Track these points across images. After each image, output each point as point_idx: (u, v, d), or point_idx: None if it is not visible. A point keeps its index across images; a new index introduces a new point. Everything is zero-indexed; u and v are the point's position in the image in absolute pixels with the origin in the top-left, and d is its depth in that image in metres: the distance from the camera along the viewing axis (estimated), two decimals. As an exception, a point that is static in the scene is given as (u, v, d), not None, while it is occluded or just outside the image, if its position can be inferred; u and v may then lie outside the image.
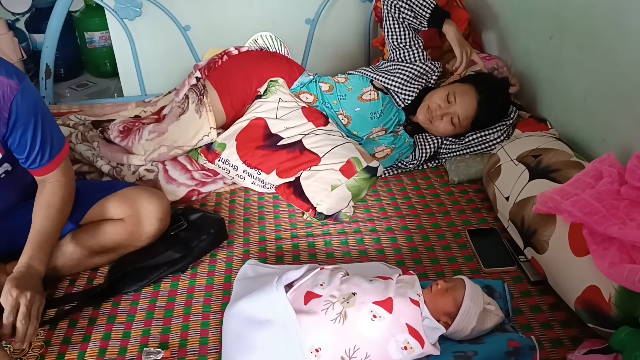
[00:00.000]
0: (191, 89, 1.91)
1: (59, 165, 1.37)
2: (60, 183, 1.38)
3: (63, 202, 1.38)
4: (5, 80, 1.22)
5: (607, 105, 1.59)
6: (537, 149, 1.63)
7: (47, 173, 1.36)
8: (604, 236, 1.19)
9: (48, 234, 1.34)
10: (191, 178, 1.84)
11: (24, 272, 1.27)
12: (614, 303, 1.16)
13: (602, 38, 1.59)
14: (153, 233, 1.50)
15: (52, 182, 1.38)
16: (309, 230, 1.67)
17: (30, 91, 1.28)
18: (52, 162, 1.35)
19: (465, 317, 1.19)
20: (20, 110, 1.25)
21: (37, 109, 1.29)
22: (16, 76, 1.24)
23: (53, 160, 1.35)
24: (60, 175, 1.38)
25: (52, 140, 1.34)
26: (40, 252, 1.32)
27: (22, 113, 1.26)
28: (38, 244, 1.32)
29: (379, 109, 1.94)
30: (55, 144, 1.35)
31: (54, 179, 1.38)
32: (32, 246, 1.31)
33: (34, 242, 1.32)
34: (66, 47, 2.68)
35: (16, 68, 1.27)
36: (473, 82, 1.87)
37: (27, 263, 1.29)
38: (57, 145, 1.36)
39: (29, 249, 1.31)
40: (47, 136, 1.32)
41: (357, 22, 2.55)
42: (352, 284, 1.24)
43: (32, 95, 1.28)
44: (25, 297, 1.21)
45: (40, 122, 1.30)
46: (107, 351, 1.27)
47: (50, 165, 1.35)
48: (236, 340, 1.22)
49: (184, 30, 2.38)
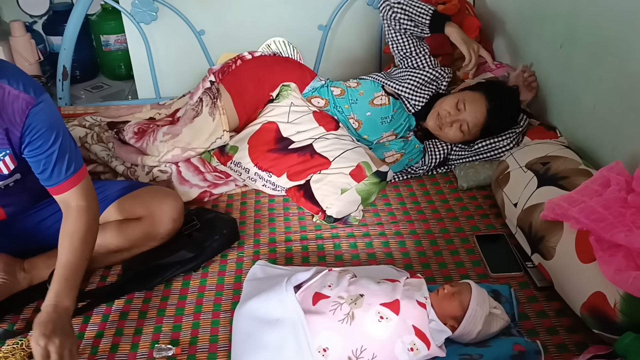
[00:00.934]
0: (205, 93, 1.95)
1: (77, 185, 1.33)
2: (81, 208, 1.34)
3: (86, 229, 1.33)
4: (22, 95, 1.22)
5: (617, 114, 1.60)
6: (545, 157, 1.65)
7: (64, 191, 1.32)
8: (611, 243, 1.20)
9: (73, 266, 1.29)
10: (204, 179, 1.88)
11: (50, 314, 1.21)
12: (619, 309, 1.18)
13: (613, 47, 1.60)
14: (167, 233, 1.53)
15: (73, 207, 1.33)
16: (319, 232, 1.70)
17: (48, 107, 1.27)
18: (69, 181, 1.32)
19: (471, 321, 1.20)
20: (36, 124, 1.25)
21: (54, 125, 1.28)
22: (33, 91, 1.24)
23: (70, 179, 1.32)
24: (80, 198, 1.34)
25: (70, 158, 1.31)
26: (67, 286, 1.26)
27: (37, 127, 1.25)
28: (64, 278, 1.27)
29: (390, 113, 1.96)
30: (72, 163, 1.32)
31: (74, 202, 1.34)
32: (58, 281, 1.26)
33: (59, 276, 1.27)
34: (82, 50, 2.71)
35: (36, 83, 1.27)
36: (483, 89, 1.89)
37: (55, 302, 1.23)
38: (75, 165, 1.33)
39: (56, 284, 1.26)
40: (64, 153, 1.30)
41: (369, 29, 2.57)
42: (360, 286, 1.26)
43: (49, 111, 1.28)
44: (54, 344, 1.16)
45: (57, 139, 1.28)
46: (119, 347, 1.30)
47: (67, 183, 1.32)
48: (246, 339, 1.24)
49: (198, 34, 2.41)
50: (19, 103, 1.22)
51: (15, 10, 2.83)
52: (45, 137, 1.27)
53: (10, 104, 1.22)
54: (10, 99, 1.22)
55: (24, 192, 1.43)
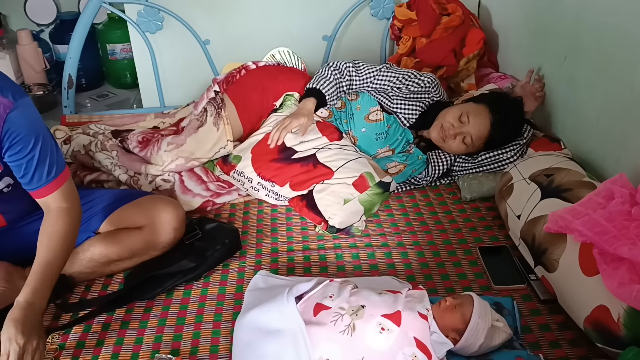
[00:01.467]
0: (210, 103, 1.95)
1: (58, 188, 1.32)
2: (62, 210, 1.33)
3: (66, 230, 1.32)
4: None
5: (621, 127, 1.59)
6: (549, 169, 1.64)
7: (45, 195, 1.32)
8: (614, 256, 1.19)
9: (52, 266, 1.29)
10: (206, 189, 1.88)
11: (26, 312, 1.21)
12: (623, 323, 1.17)
13: (617, 60, 1.60)
14: (169, 242, 1.52)
15: (54, 209, 1.33)
16: (321, 243, 1.69)
17: (28, 110, 1.26)
18: (50, 184, 1.31)
19: (473, 333, 1.19)
20: (15, 128, 1.23)
21: (33, 129, 1.27)
22: (12, 95, 1.22)
23: (52, 183, 1.31)
24: (62, 200, 1.33)
25: (51, 161, 1.30)
26: (43, 285, 1.26)
27: (17, 131, 1.23)
28: (42, 277, 1.26)
29: (384, 129, 1.94)
30: (54, 166, 1.31)
31: (55, 204, 1.33)
32: (35, 279, 1.25)
33: (37, 274, 1.26)
34: (88, 59, 2.73)
35: (15, 87, 1.26)
36: (487, 102, 1.87)
37: (30, 300, 1.23)
38: (57, 168, 1.32)
39: (32, 281, 1.25)
40: (45, 157, 1.29)
41: (374, 40, 2.58)
42: (361, 297, 1.25)
43: (29, 114, 1.26)
44: (31, 345, 1.17)
45: (37, 142, 1.27)
46: (120, 356, 1.30)
47: (49, 187, 1.31)
48: (246, 349, 1.24)
49: (203, 44, 2.43)
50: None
51: (23, 19, 2.86)
52: (24, 141, 1.25)
53: None
54: None
55: (22, 198, 1.41)
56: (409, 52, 2.37)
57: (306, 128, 1.85)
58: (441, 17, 2.28)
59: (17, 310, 1.21)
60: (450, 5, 2.30)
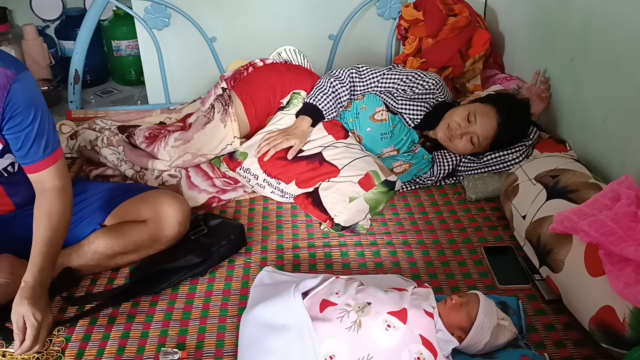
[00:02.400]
0: (217, 99, 1.96)
1: (54, 164, 1.34)
2: (58, 188, 1.35)
3: (63, 209, 1.34)
4: (2, 70, 1.23)
5: (627, 129, 1.60)
6: (555, 169, 1.64)
7: (40, 170, 1.33)
8: (620, 257, 1.19)
9: (54, 244, 1.31)
10: (212, 185, 1.88)
11: (37, 290, 1.25)
12: (628, 324, 1.17)
13: (624, 62, 1.61)
14: (173, 236, 1.53)
15: (49, 187, 1.35)
16: (326, 240, 1.70)
17: (29, 82, 1.28)
18: (47, 159, 1.33)
19: (478, 332, 1.20)
20: (17, 99, 1.25)
21: (35, 102, 1.29)
22: (14, 67, 1.25)
23: (47, 158, 1.33)
24: (56, 178, 1.35)
25: (48, 137, 1.32)
26: (48, 262, 1.29)
27: (18, 102, 1.25)
28: (46, 255, 1.29)
29: (389, 129, 1.94)
30: (51, 141, 1.33)
31: (50, 182, 1.35)
32: (40, 258, 1.28)
33: (42, 253, 1.28)
34: (93, 55, 2.74)
35: (17, 61, 1.28)
36: (494, 102, 1.87)
37: (38, 278, 1.26)
38: (52, 144, 1.34)
39: (38, 261, 1.27)
40: (43, 131, 1.31)
41: (380, 39, 2.59)
42: (368, 294, 1.26)
43: (30, 86, 1.28)
44: (46, 321, 1.24)
45: (37, 115, 1.29)
46: (126, 349, 1.30)
47: (45, 161, 1.33)
48: (252, 344, 1.24)
49: (210, 41, 2.43)
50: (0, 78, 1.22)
51: (29, 14, 2.87)
52: (25, 113, 1.27)
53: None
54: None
55: (28, 180, 1.40)
56: (415, 53, 2.38)
57: (296, 151, 1.84)
58: (448, 18, 2.29)
59: (28, 289, 1.24)
60: (457, 6, 2.31)
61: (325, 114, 1.92)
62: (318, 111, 1.91)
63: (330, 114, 1.93)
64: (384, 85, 1.98)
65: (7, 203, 1.48)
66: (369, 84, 1.99)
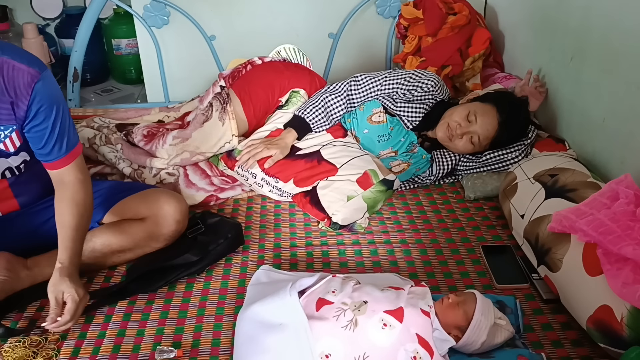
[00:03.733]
0: (215, 97, 1.95)
1: (75, 159, 1.37)
2: (80, 181, 1.38)
3: (86, 197, 1.38)
4: (26, 69, 1.25)
5: (627, 127, 1.59)
6: (554, 169, 1.64)
7: (63, 166, 1.36)
8: (618, 256, 1.19)
9: (81, 229, 1.36)
10: (210, 183, 1.88)
11: (73, 270, 1.32)
12: (626, 323, 1.16)
13: (623, 61, 1.60)
14: (171, 234, 1.53)
15: (71, 180, 1.37)
16: (324, 239, 1.69)
17: (51, 81, 1.31)
18: (68, 155, 1.36)
19: (475, 331, 1.19)
20: (41, 98, 1.27)
21: (57, 100, 1.31)
22: (37, 66, 1.27)
23: (69, 154, 1.36)
24: (78, 172, 1.38)
25: (69, 133, 1.35)
26: (78, 247, 1.36)
27: (42, 101, 1.28)
28: (75, 240, 1.34)
29: (387, 131, 1.92)
30: (71, 137, 1.36)
31: (72, 176, 1.37)
32: (71, 242, 1.33)
33: (71, 239, 1.33)
34: (93, 53, 2.74)
35: (39, 60, 1.30)
36: (494, 101, 1.86)
37: (74, 259, 1.33)
38: (73, 139, 1.37)
39: (70, 244, 1.33)
40: (65, 128, 1.33)
41: (379, 38, 2.58)
42: (364, 292, 1.25)
43: (52, 85, 1.31)
44: (85, 299, 1.32)
45: (59, 113, 1.31)
46: (121, 347, 1.30)
47: (67, 158, 1.35)
48: (248, 343, 1.24)
49: (209, 39, 2.43)
50: (25, 77, 1.25)
51: (29, 12, 2.87)
52: (47, 112, 1.30)
53: (17, 77, 1.24)
54: (16, 73, 1.24)
55: (35, 179, 1.45)
56: (415, 51, 2.37)
57: (274, 161, 1.83)
58: (447, 16, 2.28)
59: (66, 269, 1.30)
60: (456, 4, 2.30)
61: (313, 127, 1.90)
62: (306, 124, 1.89)
63: (319, 128, 1.91)
64: (385, 90, 1.94)
65: (13, 204, 1.48)
66: (369, 91, 1.94)
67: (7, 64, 1.23)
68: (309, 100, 1.94)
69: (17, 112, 1.28)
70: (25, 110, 1.27)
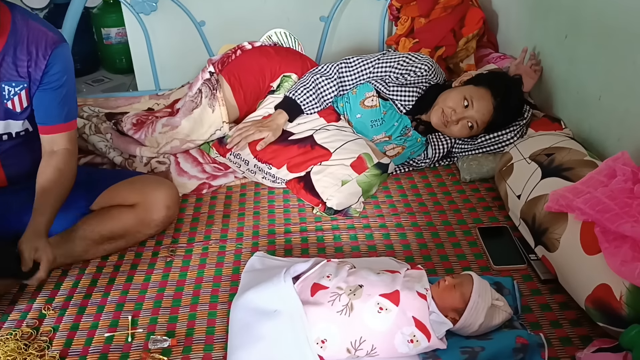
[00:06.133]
0: (204, 84, 1.92)
1: (71, 130, 1.44)
2: (69, 152, 1.43)
3: (71, 173, 1.43)
4: (50, 33, 1.36)
5: (623, 104, 1.57)
6: (550, 148, 1.62)
7: (57, 132, 1.42)
8: (616, 234, 1.17)
9: (59, 198, 1.39)
10: (202, 171, 1.85)
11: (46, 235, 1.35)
12: (625, 302, 1.15)
13: (619, 37, 1.57)
14: (161, 220, 1.52)
15: (60, 150, 1.42)
16: (319, 224, 1.67)
17: (68, 51, 1.41)
18: (65, 124, 1.42)
19: (473, 313, 1.18)
20: (57, 62, 1.36)
21: (69, 69, 1.41)
22: (58, 35, 1.38)
23: (67, 124, 1.43)
24: (69, 143, 1.44)
25: (71, 105, 1.44)
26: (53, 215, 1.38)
27: (57, 65, 1.36)
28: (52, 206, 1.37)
29: (380, 116, 1.89)
30: (72, 109, 1.45)
31: (62, 146, 1.43)
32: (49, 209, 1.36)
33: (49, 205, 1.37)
34: (83, 43, 2.70)
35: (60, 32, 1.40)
36: (488, 84, 1.81)
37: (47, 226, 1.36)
38: (73, 112, 1.45)
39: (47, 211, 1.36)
40: (69, 98, 1.42)
41: (372, 20, 2.54)
42: (359, 276, 1.23)
43: (68, 55, 1.41)
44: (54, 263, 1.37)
45: (67, 82, 1.40)
46: (115, 338, 1.28)
47: (63, 126, 1.42)
48: (243, 330, 1.22)
49: (199, 25, 2.39)
50: (48, 40, 1.35)
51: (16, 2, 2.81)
52: (59, 76, 1.38)
53: (40, 39, 1.34)
54: (39, 34, 1.35)
55: (27, 153, 1.48)
56: (408, 33, 2.34)
57: (267, 143, 1.81)
58: (440, -3, 2.25)
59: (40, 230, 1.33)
60: (449, -16, 2.26)
61: (305, 109, 1.87)
62: (296, 106, 1.86)
63: (310, 109, 1.87)
64: (377, 73, 1.91)
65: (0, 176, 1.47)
66: (361, 74, 1.90)
67: (33, 26, 1.35)
68: (300, 82, 1.91)
69: (33, 71, 1.35)
70: (42, 69, 1.36)
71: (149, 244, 1.58)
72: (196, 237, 1.62)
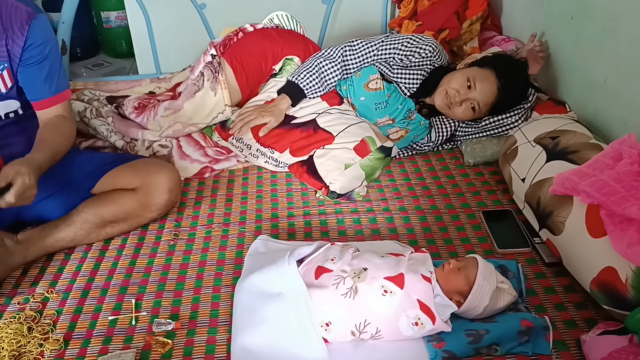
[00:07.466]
0: (206, 67, 1.91)
1: (63, 102, 1.43)
2: (65, 118, 1.42)
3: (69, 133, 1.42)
4: (24, 7, 1.32)
5: (629, 87, 1.55)
6: (555, 131, 1.61)
7: (49, 106, 1.40)
8: (622, 217, 1.16)
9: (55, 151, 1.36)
10: (205, 155, 1.84)
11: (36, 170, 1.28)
12: (631, 284, 1.15)
13: (626, 18, 1.55)
14: (163, 203, 1.51)
15: (57, 117, 1.41)
16: (322, 208, 1.66)
17: (46, 22, 1.36)
18: (57, 96, 1.41)
19: (477, 295, 1.17)
20: (36, 35, 1.32)
21: (50, 40, 1.37)
22: (34, 7, 1.34)
23: (58, 95, 1.41)
24: (64, 112, 1.43)
25: (59, 75, 1.41)
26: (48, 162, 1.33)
27: (36, 38, 1.33)
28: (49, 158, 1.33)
29: (384, 99, 1.87)
30: (61, 80, 1.42)
31: (58, 115, 1.42)
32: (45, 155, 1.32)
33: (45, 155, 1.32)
34: (83, 27, 2.67)
35: (35, 3, 1.35)
36: (492, 65, 1.80)
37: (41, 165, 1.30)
38: (63, 83, 1.43)
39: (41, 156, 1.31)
40: (55, 69, 1.39)
41: (375, 3, 2.52)
42: (364, 259, 1.23)
43: (47, 25, 1.37)
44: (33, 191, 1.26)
45: (51, 53, 1.37)
46: (119, 320, 1.28)
47: (55, 98, 1.41)
48: (247, 313, 1.22)
49: (199, 8, 2.37)
50: (21, 13, 1.31)
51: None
52: (41, 49, 1.35)
53: (13, 14, 1.31)
54: (12, 10, 1.31)
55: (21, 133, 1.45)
56: (411, 15, 2.32)
57: (269, 129, 1.80)
58: (444, -21, 2.22)
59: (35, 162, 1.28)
60: (453, -34, 2.24)
61: (308, 93, 1.85)
62: (300, 90, 1.85)
63: (313, 93, 1.86)
64: (382, 55, 1.89)
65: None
66: (365, 57, 1.88)
67: (5, 2, 1.30)
68: (303, 66, 1.89)
69: (12, 49, 1.32)
70: (21, 46, 1.32)
71: (152, 227, 1.57)
72: (199, 221, 1.61)
